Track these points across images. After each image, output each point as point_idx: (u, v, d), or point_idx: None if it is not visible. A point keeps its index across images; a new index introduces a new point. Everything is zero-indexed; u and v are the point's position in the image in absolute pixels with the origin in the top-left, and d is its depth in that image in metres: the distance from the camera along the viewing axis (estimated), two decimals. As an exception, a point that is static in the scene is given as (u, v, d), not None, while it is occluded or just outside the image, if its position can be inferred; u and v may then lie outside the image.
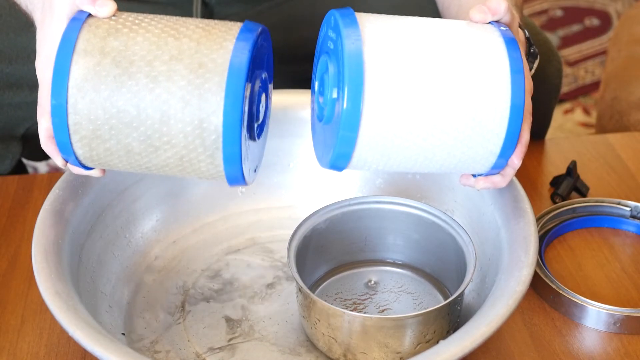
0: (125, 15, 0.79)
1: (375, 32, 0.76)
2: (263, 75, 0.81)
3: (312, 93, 0.84)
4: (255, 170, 0.84)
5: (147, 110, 0.75)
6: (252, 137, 0.80)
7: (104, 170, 0.84)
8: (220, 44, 0.76)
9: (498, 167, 0.80)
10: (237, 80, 0.74)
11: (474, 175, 0.84)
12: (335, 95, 0.77)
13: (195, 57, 0.75)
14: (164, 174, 0.81)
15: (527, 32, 0.88)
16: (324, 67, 0.80)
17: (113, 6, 0.79)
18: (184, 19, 0.79)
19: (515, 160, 0.80)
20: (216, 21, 0.79)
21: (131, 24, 0.77)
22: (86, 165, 0.81)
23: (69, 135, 0.77)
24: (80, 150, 0.78)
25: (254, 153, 0.83)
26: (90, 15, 0.78)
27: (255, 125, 0.81)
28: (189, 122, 0.75)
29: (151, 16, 0.79)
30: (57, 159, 0.82)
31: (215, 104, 0.74)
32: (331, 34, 0.79)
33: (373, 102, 0.74)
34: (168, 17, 0.79)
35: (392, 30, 0.77)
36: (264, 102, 0.83)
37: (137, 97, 0.75)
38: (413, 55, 0.76)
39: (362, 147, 0.76)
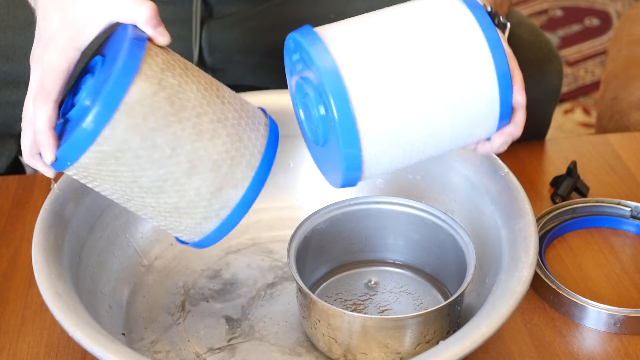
0: (172, 52, 0.77)
1: (340, 38, 0.75)
2: None
3: (299, 122, 0.83)
4: None
5: (180, 157, 0.75)
6: None
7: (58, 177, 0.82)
8: (257, 127, 0.79)
9: (506, 115, 0.79)
10: (264, 173, 0.79)
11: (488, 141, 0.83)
12: (322, 111, 0.76)
13: (237, 129, 0.77)
14: (140, 213, 0.80)
15: (489, 7, 0.87)
16: (301, 92, 0.79)
17: (169, 39, 0.76)
18: (211, 77, 0.79)
19: (518, 97, 0.79)
20: (238, 95, 0.81)
21: (180, 67, 0.76)
22: (71, 174, 0.77)
23: (91, 143, 0.72)
24: (87, 159, 0.74)
25: None
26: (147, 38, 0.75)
27: None
28: (210, 185, 0.77)
29: (190, 64, 0.78)
30: (46, 152, 0.75)
31: (241, 179, 0.77)
32: (296, 57, 0.78)
33: (363, 107, 0.74)
34: (199, 69, 0.79)
35: (355, 31, 0.76)
36: None
37: (177, 142, 0.75)
38: (385, 49, 0.76)
39: (370, 156, 0.76)
